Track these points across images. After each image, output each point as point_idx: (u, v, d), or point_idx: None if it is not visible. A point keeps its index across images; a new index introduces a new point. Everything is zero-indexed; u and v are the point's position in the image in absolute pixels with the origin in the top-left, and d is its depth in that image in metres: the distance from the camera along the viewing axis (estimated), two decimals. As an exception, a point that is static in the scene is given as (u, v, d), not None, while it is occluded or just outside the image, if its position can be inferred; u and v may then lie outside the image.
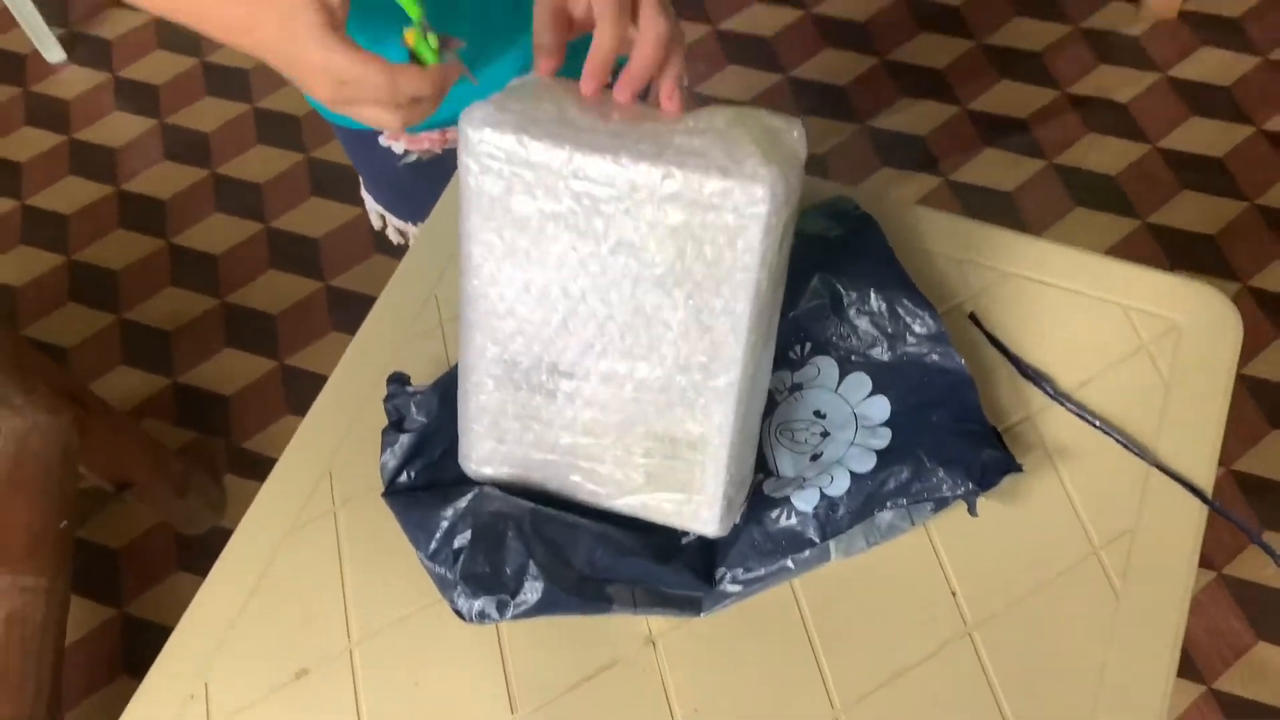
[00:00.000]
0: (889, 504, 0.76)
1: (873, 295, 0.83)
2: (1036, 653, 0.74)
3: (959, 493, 0.76)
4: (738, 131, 0.64)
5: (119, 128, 2.15)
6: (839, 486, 0.77)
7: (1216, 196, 1.83)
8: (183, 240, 2.01)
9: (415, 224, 1.14)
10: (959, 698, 0.73)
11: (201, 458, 1.75)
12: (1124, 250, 1.79)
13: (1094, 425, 0.81)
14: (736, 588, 0.77)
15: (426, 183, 1.06)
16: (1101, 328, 0.85)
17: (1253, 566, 1.51)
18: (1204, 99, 1.92)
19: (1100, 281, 0.87)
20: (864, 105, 1.99)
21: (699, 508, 0.74)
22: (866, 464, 0.78)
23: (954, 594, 0.77)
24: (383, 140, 1.03)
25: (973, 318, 0.86)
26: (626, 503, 0.75)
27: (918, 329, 0.83)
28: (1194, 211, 1.82)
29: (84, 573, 1.67)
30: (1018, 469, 0.77)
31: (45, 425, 1.27)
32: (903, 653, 0.75)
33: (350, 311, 1.88)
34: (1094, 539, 0.77)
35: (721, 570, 0.77)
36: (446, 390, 0.80)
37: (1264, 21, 1.98)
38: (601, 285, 0.66)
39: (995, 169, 1.89)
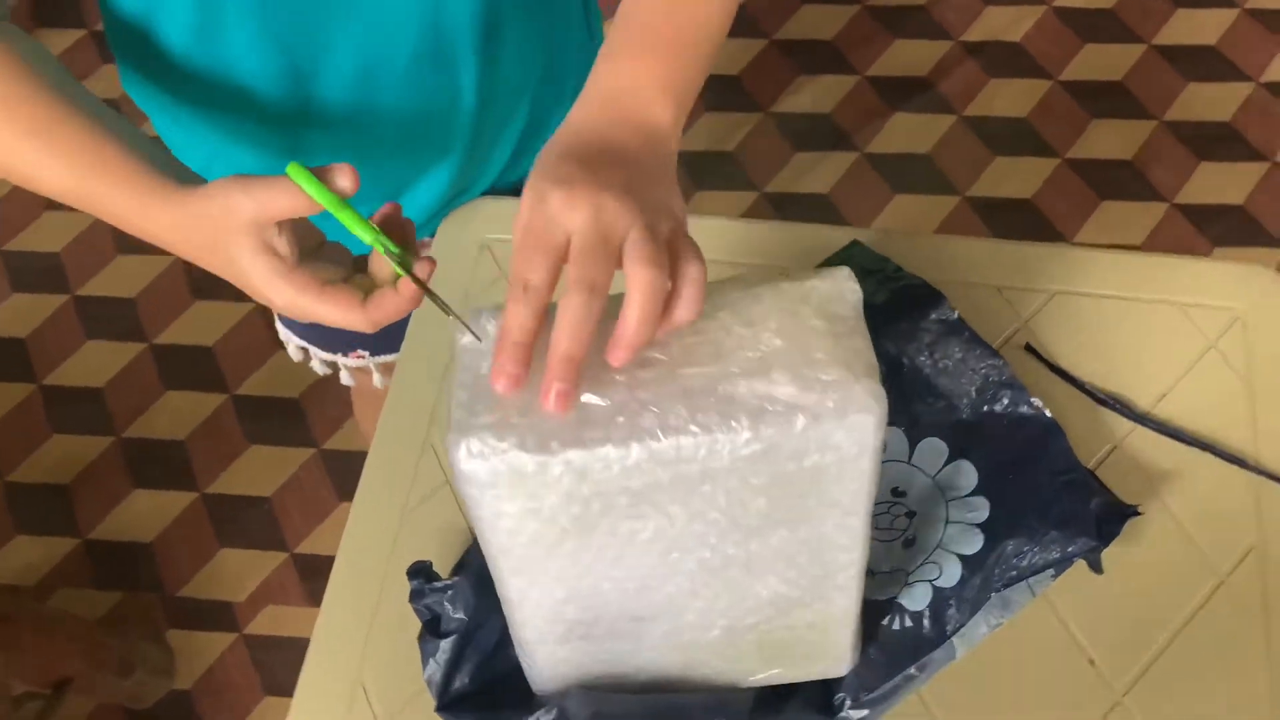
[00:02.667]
0: (1011, 583, 0.69)
1: (931, 353, 0.76)
2: (1198, 699, 0.68)
3: (1080, 552, 0.69)
4: (797, 336, 0.51)
5: (-48, 266, 1.93)
6: (950, 576, 0.70)
7: (1126, 120, 1.82)
8: (55, 379, 1.80)
9: (345, 355, 1.01)
10: (1131, 778, 0.67)
11: (136, 621, 1.58)
12: (1052, 191, 1.77)
13: (1186, 442, 0.75)
14: (861, 713, 0.69)
15: None
16: (1163, 333, 0.80)
17: None
18: (1092, 24, 1.91)
19: (1149, 282, 0.81)
20: (762, 91, 1.91)
21: (826, 668, 0.66)
22: (973, 543, 0.71)
23: (1092, 662, 0.70)
24: None
25: (1029, 349, 0.80)
26: (740, 683, 0.67)
27: (987, 379, 0.75)
28: (1108, 139, 1.81)
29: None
30: (1134, 512, 0.70)
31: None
32: (1058, 741, 0.68)
33: (265, 421, 1.72)
34: (1219, 566, 0.72)
35: (840, 696, 0.69)
36: (481, 576, 0.70)
37: (1128, -62, 1.98)
38: (679, 553, 0.55)
39: (908, 133, 1.85)
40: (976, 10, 1.94)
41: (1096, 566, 0.70)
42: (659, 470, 0.50)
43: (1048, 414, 0.74)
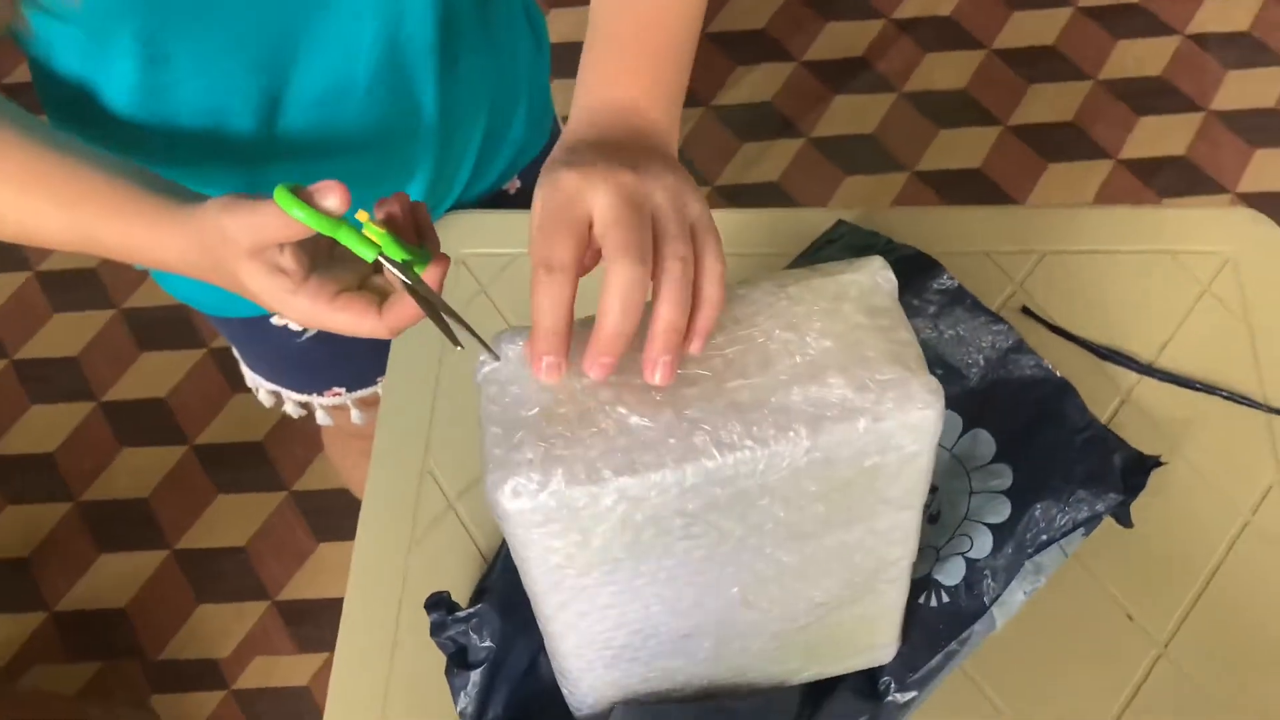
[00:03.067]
0: (1043, 547, 0.68)
1: (937, 324, 0.75)
2: (1239, 645, 0.68)
3: (1109, 508, 0.68)
4: (844, 336, 0.49)
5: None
6: (981, 546, 0.69)
7: (1062, 82, 1.84)
8: (3, 448, 1.73)
9: (320, 394, 0.97)
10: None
11: (117, 691, 1.52)
12: (999, 158, 1.78)
13: (1194, 388, 0.75)
14: (909, 695, 0.67)
15: (332, 350, 0.91)
16: (1156, 282, 0.80)
17: None
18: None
19: (1136, 234, 0.81)
20: (702, 86, 1.90)
21: (873, 656, 0.65)
22: (1000, 511, 0.70)
23: (1130, 617, 0.69)
24: (276, 321, 0.87)
25: (1026, 311, 0.79)
26: (787, 682, 0.65)
27: (994, 345, 0.75)
28: (1048, 103, 1.83)
29: None
30: (1157, 463, 0.70)
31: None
32: (1106, 697, 0.67)
33: (230, 468, 1.67)
34: (1242, 506, 0.72)
35: (885, 680, 0.67)
36: (505, 599, 0.67)
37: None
38: (734, 567, 0.53)
39: (851, 114, 1.85)
40: (904, -13, 1.96)
41: (1126, 520, 0.70)
42: (716, 489, 0.48)
43: (1058, 374, 0.73)
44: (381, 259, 0.50)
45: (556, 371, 0.47)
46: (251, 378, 0.99)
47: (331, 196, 0.48)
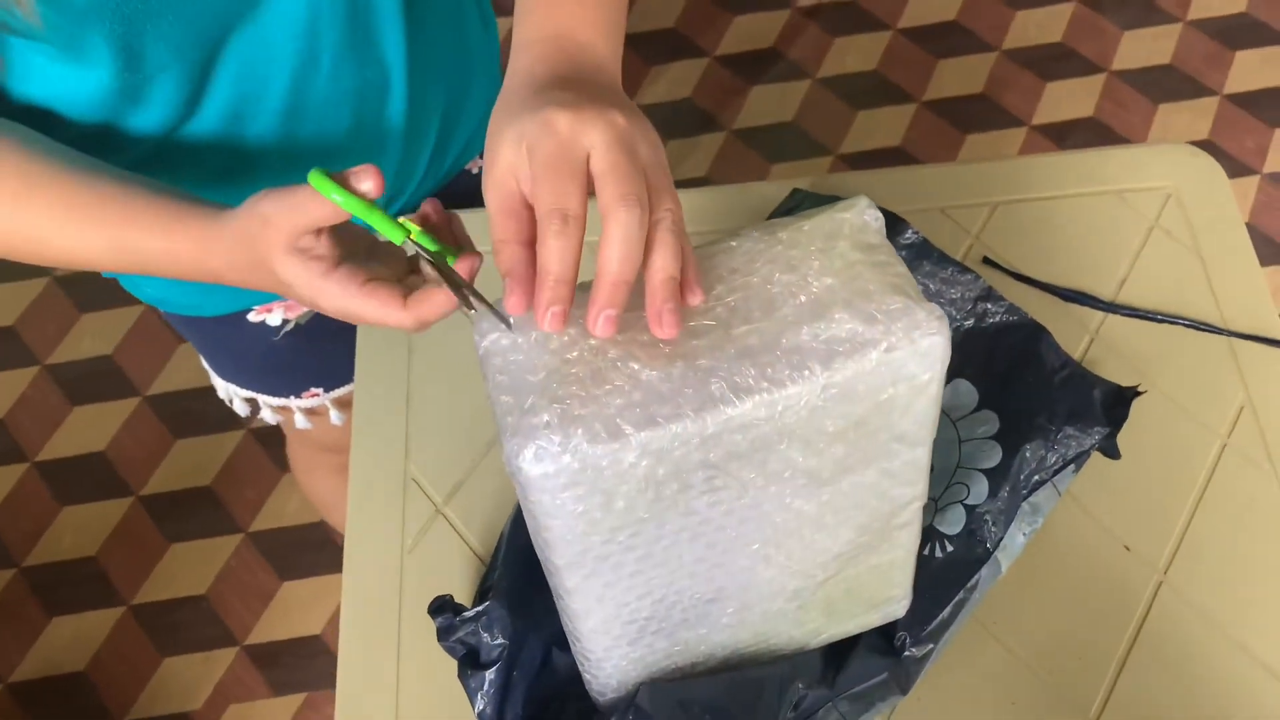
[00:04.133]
0: (1036, 487, 0.69)
1: (908, 280, 0.76)
2: (1234, 564, 0.70)
3: (1097, 442, 0.70)
4: (843, 272, 0.49)
5: None
6: (978, 492, 0.70)
7: (969, 55, 1.89)
8: (-64, 518, 1.66)
9: (298, 396, 0.96)
10: (1189, 646, 0.68)
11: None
12: (917, 134, 1.82)
13: (1156, 320, 0.78)
14: (925, 648, 0.68)
15: (309, 346, 0.89)
16: (1107, 222, 0.82)
17: None
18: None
19: (1081, 177, 0.84)
20: (618, 88, 1.91)
21: (888, 611, 0.65)
22: (992, 456, 0.71)
23: (1127, 548, 0.71)
24: (253, 317, 0.85)
25: (988, 261, 0.81)
26: (807, 645, 0.65)
27: (964, 295, 0.76)
28: (957, 77, 1.87)
29: None
30: (1136, 393, 0.72)
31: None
32: (1114, 629, 0.68)
33: (180, 516, 1.61)
34: (1218, 429, 0.74)
35: (900, 636, 0.68)
36: (513, 595, 0.66)
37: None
38: (755, 521, 0.53)
39: (769, 104, 1.87)
40: (806, -24, 1.99)
41: (1113, 452, 0.71)
42: (737, 436, 0.48)
43: (1032, 319, 0.75)
44: (410, 242, 0.51)
45: (560, 320, 0.46)
46: (224, 387, 0.96)
47: (367, 180, 0.49)
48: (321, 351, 0.91)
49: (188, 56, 0.64)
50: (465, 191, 0.89)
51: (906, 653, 0.67)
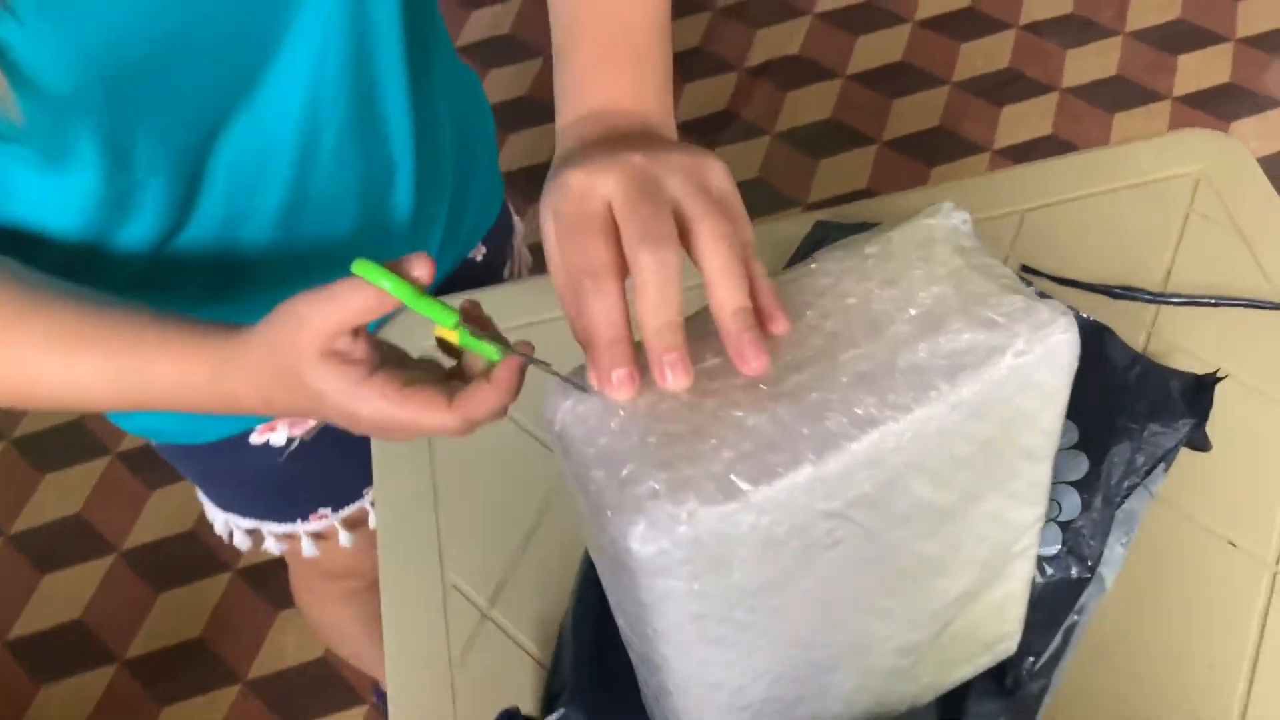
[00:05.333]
0: (1130, 491, 0.65)
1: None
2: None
3: (1185, 435, 0.66)
4: (949, 280, 0.44)
5: None
6: (1070, 507, 0.65)
7: (920, 92, 1.90)
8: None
9: (304, 519, 0.88)
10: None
11: None
12: (883, 173, 1.81)
13: (1211, 304, 0.74)
14: (1040, 682, 0.62)
15: (315, 464, 0.83)
16: (1141, 215, 0.79)
17: None
18: (858, 19, 1.99)
19: (1106, 175, 0.81)
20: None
21: (1002, 650, 0.59)
22: (1078, 468, 0.66)
23: (1232, 544, 0.66)
24: (255, 439, 0.79)
25: (1027, 269, 0.77)
26: (920, 700, 0.59)
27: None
28: (913, 114, 1.87)
29: None
30: (1215, 379, 0.68)
31: None
32: (1234, 633, 0.63)
33: (171, 675, 1.50)
34: (1298, 409, 0.70)
35: (1013, 674, 0.62)
36: (589, 697, 0.60)
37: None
38: (877, 571, 0.48)
39: (731, 164, 1.83)
40: (747, 37, 1.99)
41: (1204, 443, 0.67)
42: (863, 475, 0.42)
43: (1090, 318, 0.71)
44: (464, 326, 0.46)
45: (630, 384, 0.42)
46: (223, 520, 0.89)
47: (419, 266, 0.45)
48: (328, 468, 0.85)
49: (180, 152, 0.59)
50: (469, 280, 0.84)
51: (1022, 691, 0.61)
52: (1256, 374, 0.71)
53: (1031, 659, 0.62)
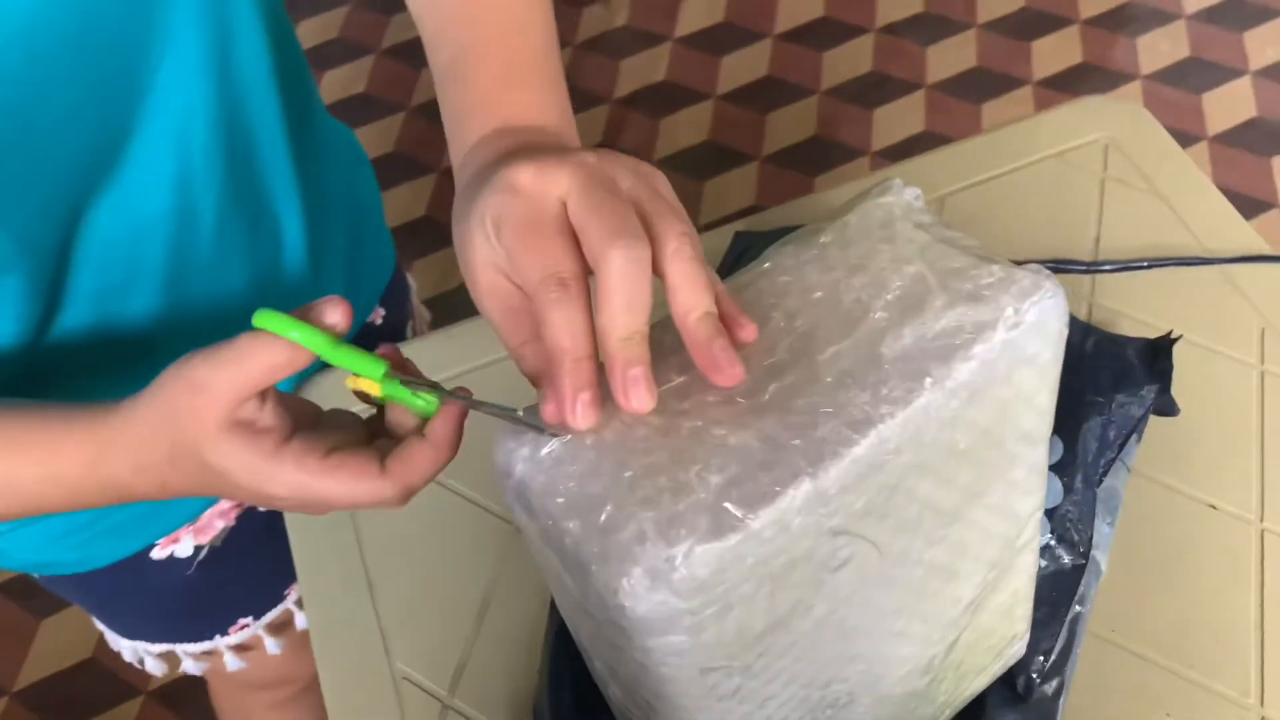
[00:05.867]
0: (1108, 468, 0.62)
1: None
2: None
3: (1152, 401, 0.64)
4: (918, 258, 0.41)
5: None
6: (1053, 494, 0.62)
7: (791, 105, 1.90)
8: None
9: (224, 633, 0.79)
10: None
11: None
12: (770, 187, 1.80)
13: (1145, 268, 0.73)
14: (1053, 682, 0.58)
15: (230, 570, 0.75)
16: (1057, 187, 0.77)
17: None
18: (718, 39, 1.99)
19: (1016, 150, 0.80)
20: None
21: (1012, 654, 0.56)
22: (1054, 451, 0.63)
23: (1213, 506, 0.64)
24: (157, 554, 0.70)
25: (958, 254, 0.74)
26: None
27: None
28: (788, 127, 1.88)
29: None
30: (1171, 340, 0.66)
31: None
32: (1235, 597, 0.61)
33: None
34: (1249, 360, 0.69)
35: (1023, 678, 0.58)
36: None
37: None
38: (886, 587, 0.43)
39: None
40: (612, 69, 1.97)
41: (1171, 408, 0.65)
42: (866, 483, 0.38)
43: (1031, 295, 0.69)
44: (393, 375, 0.40)
45: (595, 409, 0.37)
46: (131, 648, 0.79)
47: (333, 311, 0.38)
48: (245, 573, 0.76)
49: (38, 244, 0.51)
50: (373, 346, 0.77)
51: (1036, 694, 0.58)
52: (1203, 331, 0.70)
53: (1041, 658, 0.58)
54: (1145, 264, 0.72)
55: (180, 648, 0.79)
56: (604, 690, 0.51)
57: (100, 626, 0.79)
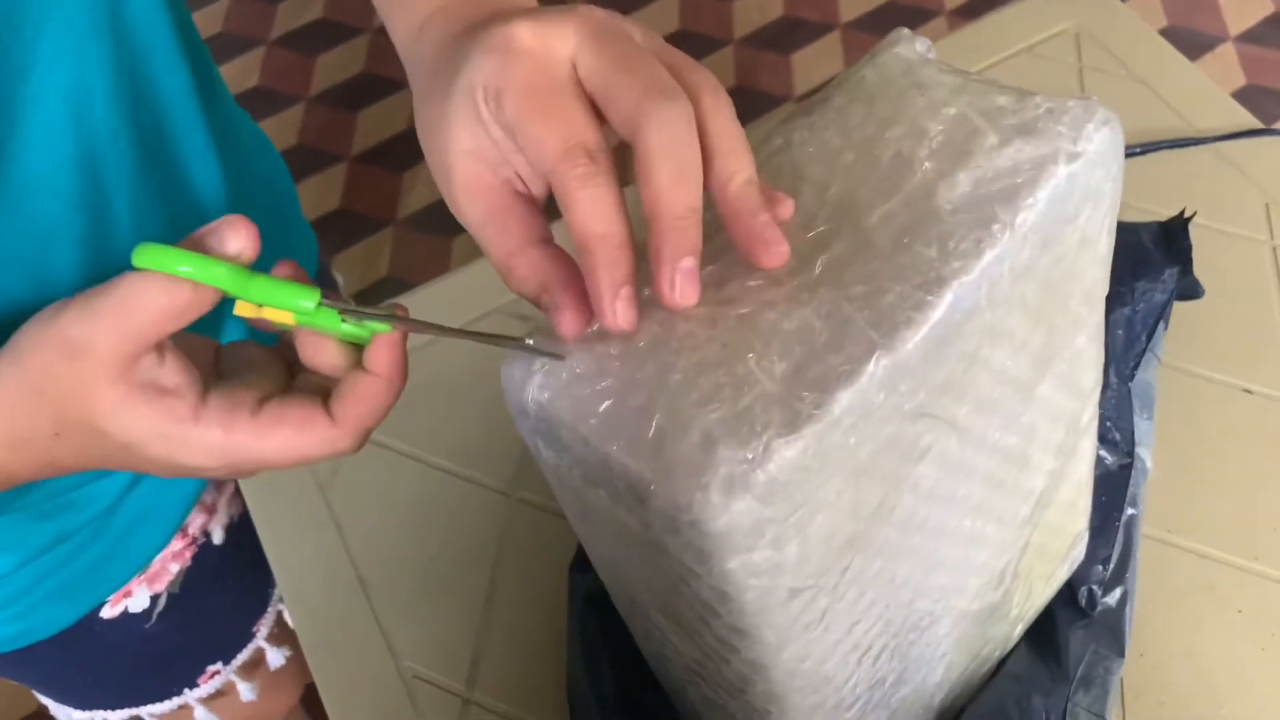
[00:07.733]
0: (1139, 361, 0.59)
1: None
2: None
3: (1174, 284, 0.61)
4: (954, 99, 0.36)
5: None
6: (1087, 392, 0.58)
7: (709, 55, 1.86)
8: None
9: (192, 686, 0.70)
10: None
11: None
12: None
13: (1140, 153, 0.70)
14: (1116, 592, 0.55)
15: (193, 616, 0.66)
16: (1036, 80, 0.74)
17: None
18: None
19: (989, 45, 0.76)
20: (381, 205, 1.75)
21: (1074, 557, 0.52)
22: (1081, 348, 0.59)
23: (1248, 391, 0.61)
24: (108, 613, 0.62)
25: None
26: (1009, 642, 0.51)
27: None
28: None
29: None
30: (1186, 218, 0.63)
31: None
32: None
33: None
34: (1259, 236, 0.66)
35: (1084, 589, 0.55)
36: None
37: None
38: (965, 481, 0.39)
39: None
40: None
41: (1195, 289, 0.62)
42: (946, 351, 0.33)
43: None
44: (327, 302, 0.33)
45: (633, 306, 0.31)
46: (81, 716, 0.70)
47: (236, 233, 0.31)
48: (210, 614, 0.67)
49: None
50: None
51: (1100, 606, 0.54)
52: (1208, 213, 0.67)
53: (1099, 567, 0.55)
54: (1138, 150, 0.69)
55: (145, 710, 0.69)
56: (655, 657, 0.46)
57: (46, 702, 0.70)
